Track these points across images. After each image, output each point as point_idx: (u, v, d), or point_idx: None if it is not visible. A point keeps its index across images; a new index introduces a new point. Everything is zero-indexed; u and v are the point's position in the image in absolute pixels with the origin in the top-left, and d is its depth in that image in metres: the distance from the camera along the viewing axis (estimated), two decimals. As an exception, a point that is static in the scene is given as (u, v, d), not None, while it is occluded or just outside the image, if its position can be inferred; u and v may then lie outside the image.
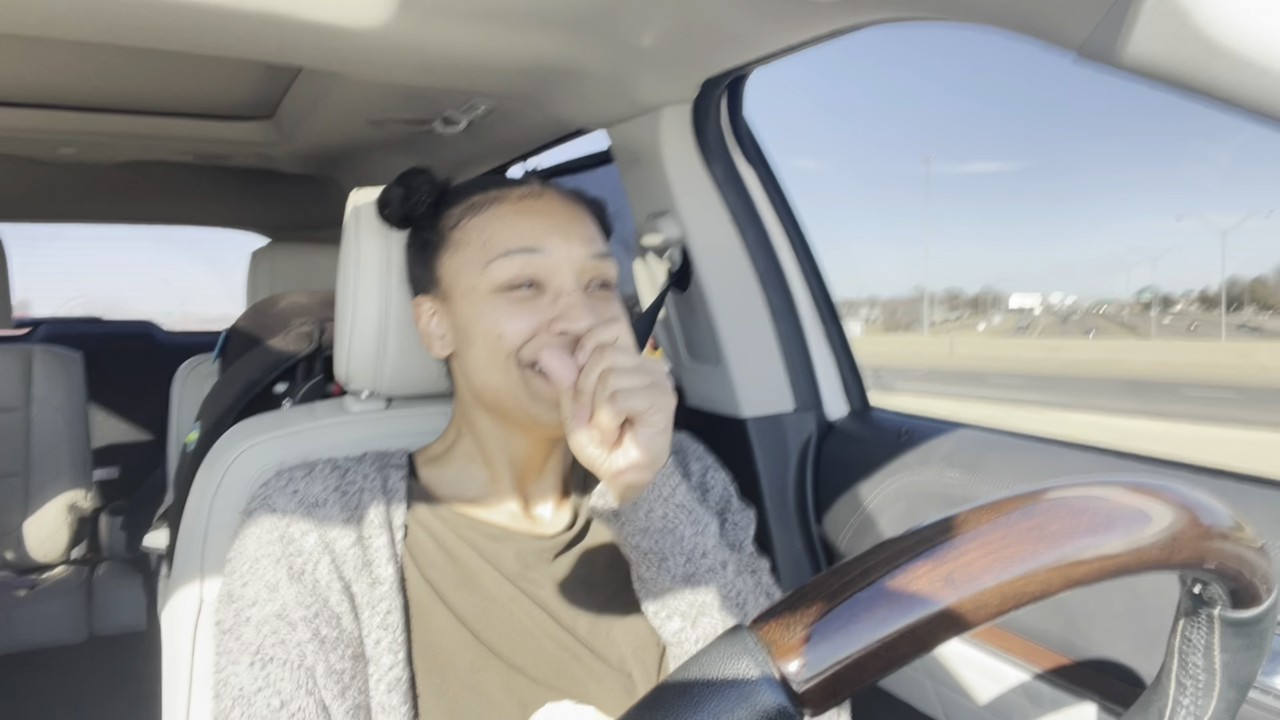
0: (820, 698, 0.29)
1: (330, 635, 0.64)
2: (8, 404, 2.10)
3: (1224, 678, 0.41)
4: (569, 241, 0.70)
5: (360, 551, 0.68)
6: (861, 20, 0.86)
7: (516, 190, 0.74)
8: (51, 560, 2.14)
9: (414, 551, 0.71)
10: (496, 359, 0.69)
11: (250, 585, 0.65)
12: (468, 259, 0.72)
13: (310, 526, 0.68)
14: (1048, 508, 0.32)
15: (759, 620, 0.31)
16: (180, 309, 19.09)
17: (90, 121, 1.69)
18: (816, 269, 1.31)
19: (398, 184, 0.78)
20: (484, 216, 0.72)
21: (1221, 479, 0.82)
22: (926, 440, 1.11)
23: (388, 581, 0.67)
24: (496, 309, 0.69)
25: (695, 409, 1.35)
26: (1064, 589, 0.31)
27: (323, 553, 0.67)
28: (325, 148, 1.86)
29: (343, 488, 0.72)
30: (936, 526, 0.32)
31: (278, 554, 0.66)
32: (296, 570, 0.66)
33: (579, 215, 0.74)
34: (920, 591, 0.30)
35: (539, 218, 0.71)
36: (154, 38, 0.94)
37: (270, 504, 0.69)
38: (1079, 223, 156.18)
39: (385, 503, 0.72)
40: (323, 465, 0.74)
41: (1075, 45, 0.59)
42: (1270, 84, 0.49)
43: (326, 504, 0.70)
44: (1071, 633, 0.84)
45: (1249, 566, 0.36)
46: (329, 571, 0.66)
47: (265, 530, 0.68)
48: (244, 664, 0.62)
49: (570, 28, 0.98)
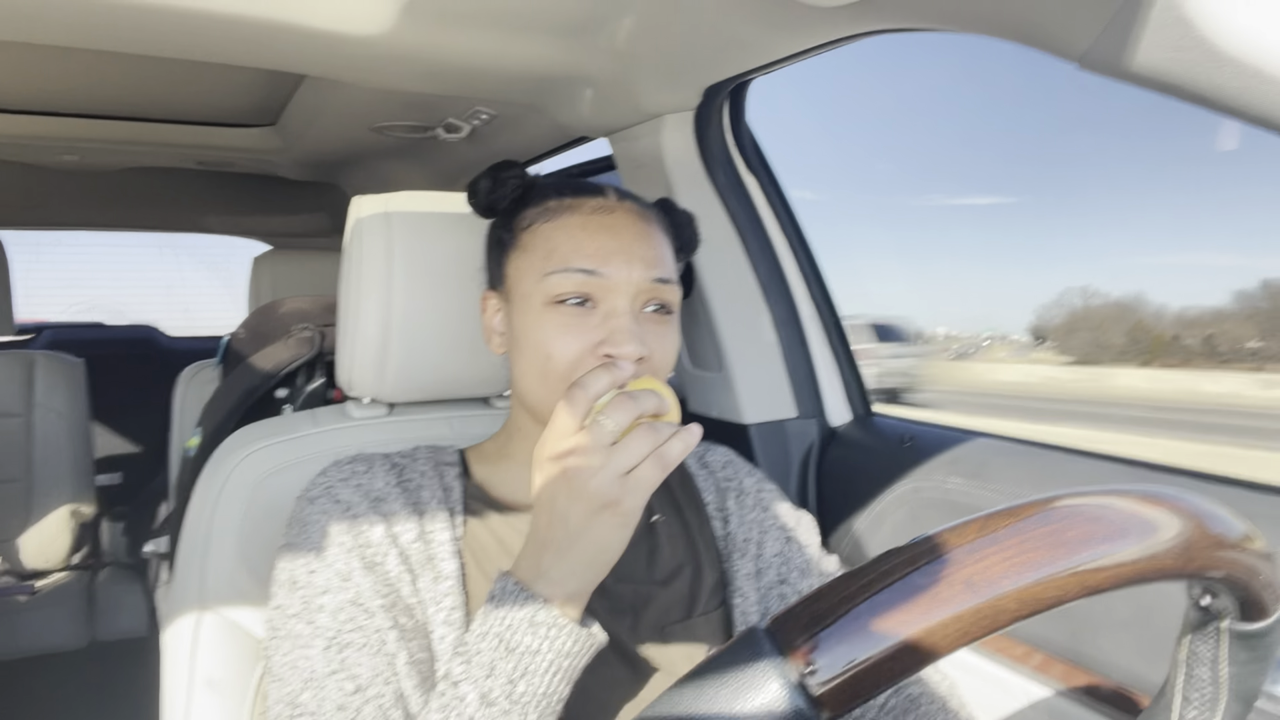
0: (838, 700, 0.29)
1: (408, 625, 0.65)
2: (10, 410, 2.10)
3: (1229, 691, 0.40)
4: (630, 264, 0.69)
5: (424, 546, 0.69)
6: (863, 29, 0.86)
7: (591, 202, 0.73)
8: (53, 566, 2.14)
9: (473, 547, 0.72)
10: (546, 378, 0.69)
11: (320, 573, 0.65)
12: (530, 265, 0.72)
13: (377, 519, 0.69)
14: (1065, 514, 0.32)
15: (776, 621, 0.31)
16: (184, 315, 18.95)
17: (93, 128, 1.70)
18: (819, 275, 1.31)
19: (487, 175, 0.77)
20: (553, 225, 0.72)
21: (1230, 487, 0.82)
22: (930, 447, 1.11)
23: (452, 576, 0.68)
24: (546, 325, 0.69)
25: (697, 415, 1.34)
26: (1081, 596, 0.31)
27: (390, 545, 0.68)
28: (328, 154, 1.86)
29: (402, 483, 0.73)
30: (953, 531, 0.32)
31: (349, 544, 0.66)
32: (369, 561, 0.66)
33: (649, 235, 0.73)
34: (939, 595, 0.30)
35: (605, 235, 0.70)
36: (157, 45, 0.95)
37: (334, 493, 0.70)
38: (1045, 257, 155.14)
39: (444, 499, 0.73)
40: (380, 460, 0.74)
41: (1078, 54, 0.59)
42: (1275, 92, 0.49)
43: (389, 498, 0.71)
44: (1076, 641, 0.84)
45: (1259, 577, 0.36)
46: (398, 564, 0.67)
47: (332, 519, 0.68)
48: (317, 648, 0.62)
49: (572, 35, 0.99)
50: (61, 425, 2.14)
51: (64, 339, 2.82)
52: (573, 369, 0.68)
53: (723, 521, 0.84)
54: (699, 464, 0.88)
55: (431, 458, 0.77)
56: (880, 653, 0.29)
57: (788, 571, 0.83)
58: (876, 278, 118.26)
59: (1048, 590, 0.31)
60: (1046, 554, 0.31)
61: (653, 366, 0.70)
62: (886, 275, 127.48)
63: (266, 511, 0.84)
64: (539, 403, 0.71)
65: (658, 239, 0.74)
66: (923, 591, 0.30)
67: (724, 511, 0.85)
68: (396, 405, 0.94)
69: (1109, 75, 0.59)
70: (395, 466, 0.74)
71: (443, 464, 0.77)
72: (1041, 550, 0.31)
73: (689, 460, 0.88)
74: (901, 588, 0.30)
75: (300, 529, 0.69)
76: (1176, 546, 0.33)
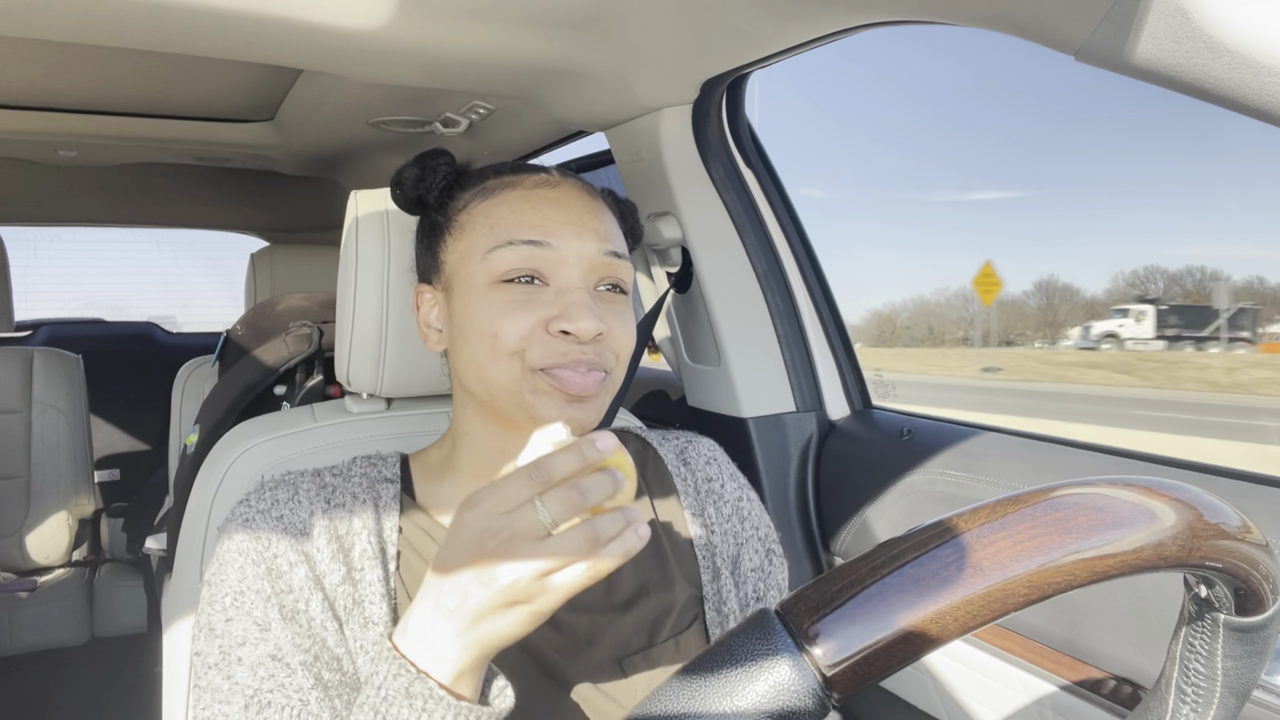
0: (849, 682, 0.29)
1: (333, 680, 0.59)
2: (9, 406, 2.10)
3: (1225, 685, 0.41)
4: (581, 236, 0.64)
5: (351, 589, 0.62)
6: (861, 21, 0.85)
7: (532, 177, 0.68)
8: (53, 562, 2.14)
9: (409, 582, 0.65)
10: (496, 357, 0.63)
11: (236, 622, 0.59)
12: (471, 244, 0.66)
13: (298, 559, 0.62)
14: (1073, 501, 0.32)
15: (787, 604, 0.31)
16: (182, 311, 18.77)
17: (91, 124, 1.69)
18: (818, 269, 1.31)
19: (414, 164, 0.71)
20: (493, 201, 0.66)
21: (1228, 479, 0.82)
22: (928, 440, 1.11)
23: (381, 623, 0.61)
24: (493, 305, 0.63)
25: (696, 409, 1.34)
26: (1088, 582, 0.31)
27: (314, 589, 0.61)
28: (325, 149, 1.86)
29: (330, 512, 0.65)
30: (961, 517, 0.32)
31: (266, 591, 0.60)
32: (289, 610, 0.60)
33: (597, 210, 0.68)
34: (949, 579, 0.30)
35: (551, 207, 0.65)
36: (155, 40, 0.94)
37: (253, 528, 0.63)
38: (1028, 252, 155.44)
39: (377, 526, 0.66)
40: (308, 482, 0.67)
41: (1075, 46, 0.59)
42: (1272, 83, 0.48)
43: (313, 532, 0.64)
44: (1074, 634, 0.84)
45: (1258, 568, 0.36)
46: (322, 610, 0.61)
47: (249, 560, 0.61)
48: (236, 706, 0.57)
49: (570, 29, 0.98)
50: (60, 422, 2.14)
51: (62, 335, 2.82)
52: (524, 346, 0.62)
53: (703, 527, 0.77)
54: (678, 459, 0.81)
55: (368, 474, 0.70)
56: (891, 635, 0.30)
57: (765, 589, 0.77)
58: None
59: (1057, 575, 0.31)
60: (1056, 539, 0.31)
61: (612, 346, 0.65)
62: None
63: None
64: (488, 389, 0.64)
65: (606, 214, 0.69)
66: (933, 575, 0.30)
67: (703, 517, 0.77)
68: (395, 400, 0.94)
69: (1106, 67, 0.59)
70: (324, 489, 0.67)
71: (380, 480, 0.69)
72: (1052, 535, 0.31)
73: (668, 455, 0.81)
74: (911, 571, 0.31)
75: (218, 569, 0.62)
76: (1183, 535, 0.33)
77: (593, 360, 0.63)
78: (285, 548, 0.62)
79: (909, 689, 1.07)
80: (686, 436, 0.84)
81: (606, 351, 0.65)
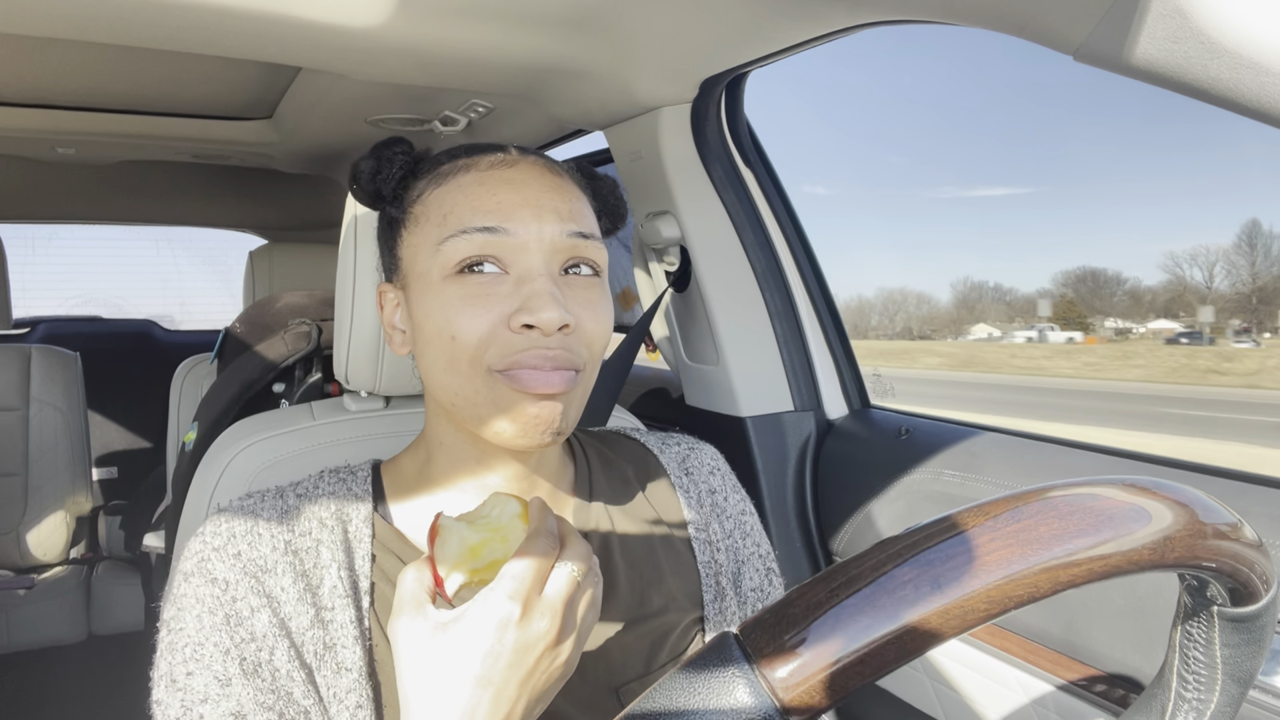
0: (807, 704, 0.29)
1: None
2: (6, 404, 2.09)
3: (1225, 673, 0.41)
4: (540, 217, 0.58)
5: (321, 632, 0.57)
6: (859, 21, 0.86)
7: (488, 157, 0.62)
8: (50, 560, 2.14)
9: (384, 617, 0.60)
10: (456, 363, 0.58)
11: (197, 676, 0.54)
12: (424, 237, 0.60)
13: (261, 603, 0.57)
14: (1037, 510, 0.32)
15: (747, 628, 0.31)
16: (181, 308, 18.53)
17: (89, 121, 1.69)
18: (816, 269, 1.31)
19: (370, 156, 0.65)
20: (446, 188, 0.61)
21: (1219, 478, 0.83)
22: (926, 439, 1.11)
23: (355, 669, 0.57)
24: (448, 301, 0.58)
25: (694, 408, 1.35)
26: (1053, 592, 0.31)
27: (279, 636, 0.56)
28: (324, 147, 1.86)
29: (294, 543, 0.60)
30: (927, 529, 0.32)
31: (226, 643, 0.55)
32: (251, 663, 0.55)
33: (560, 187, 0.61)
34: (906, 598, 0.30)
35: (506, 189, 0.59)
36: (153, 38, 0.94)
37: (209, 570, 0.57)
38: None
39: (348, 558, 0.60)
40: (269, 509, 0.62)
41: (1074, 46, 0.59)
42: (1270, 84, 0.49)
43: (277, 569, 0.58)
44: (1072, 632, 0.84)
45: (1247, 564, 0.36)
46: (288, 659, 0.56)
47: (205, 609, 0.56)
48: None
49: (568, 27, 0.98)
50: (58, 419, 2.14)
51: (60, 333, 2.82)
52: (483, 346, 0.57)
53: (707, 543, 0.72)
54: (680, 468, 0.76)
55: (336, 492, 0.64)
56: (848, 657, 0.29)
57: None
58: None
59: (1017, 588, 0.31)
60: (1016, 551, 0.31)
61: (583, 339, 0.59)
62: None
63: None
64: (453, 393, 0.59)
65: (571, 192, 0.62)
66: (891, 594, 0.30)
67: (707, 532, 0.73)
68: (393, 398, 0.94)
69: (1105, 67, 0.59)
70: (288, 515, 0.62)
71: (350, 499, 0.64)
72: (1011, 548, 0.31)
73: (669, 463, 0.76)
74: (869, 593, 0.30)
75: (176, 614, 0.57)
76: (1156, 539, 0.33)
77: (559, 356, 0.57)
78: (245, 590, 0.57)
79: (907, 689, 1.07)
80: (688, 443, 0.79)
81: (577, 345, 0.58)
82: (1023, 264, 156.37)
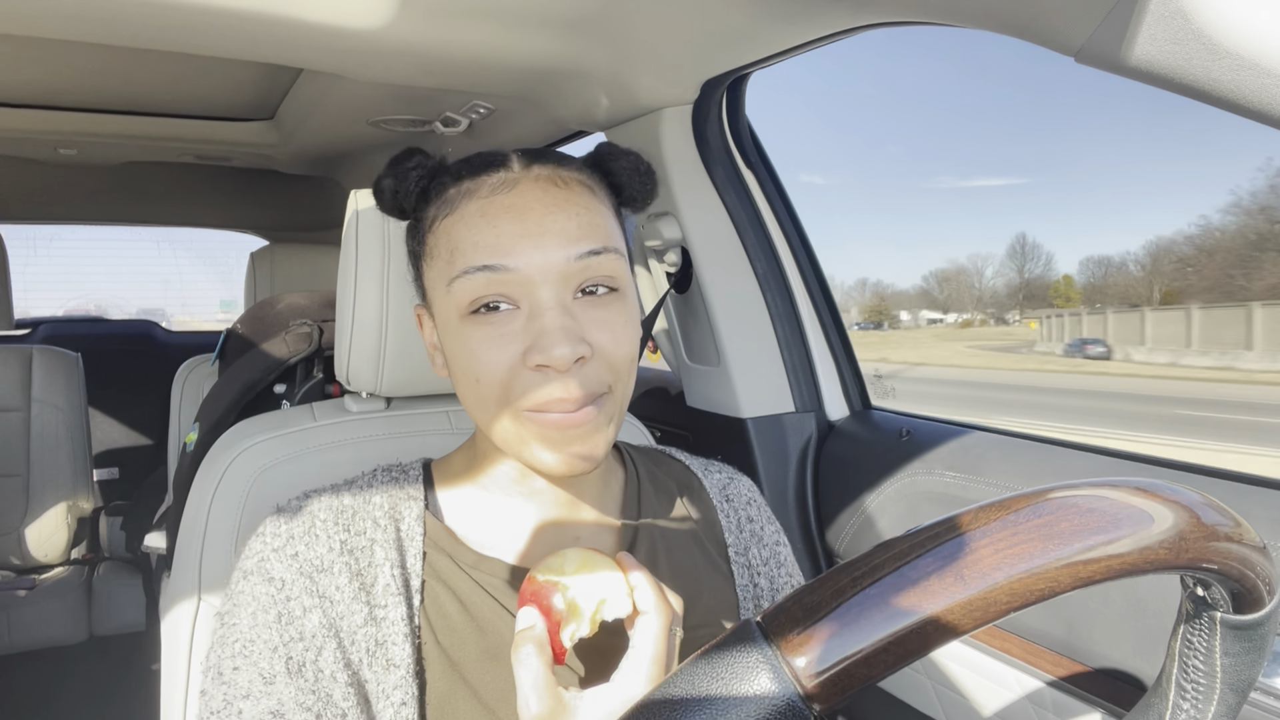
0: (829, 693, 0.29)
1: None
2: (8, 404, 2.10)
3: (1224, 681, 0.41)
4: (542, 246, 0.56)
5: (373, 630, 0.59)
6: (861, 23, 0.86)
7: (490, 179, 0.60)
8: (51, 560, 2.14)
9: (433, 617, 0.61)
10: (485, 403, 0.59)
11: (243, 671, 0.56)
12: (438, 274, 0.60)
13: (313, 603, 0.58)
14: (1056, 506, 0.32)
15: (769, 615, 0.31)
16: (182, 309, 18.56)
17: (91, 122, 1.70)
18: (817, 270, 1.31)
19: (388, 174, 0.65)
20: (453, 218, 0.60)
21: (1223, 480, 0.82)
22: (927, 441, 1.11)
23: (404, 665, 0.58)
24: (467, 343, 0.58)
25: (695, 409, 1.34)
26: (1073, 588, 0.31)
27: (328, 637, 0.58)
28: (325, 148, 1.86)
29: (350, 543, 0.62)
30: (945, 524, 0.32)
31: (275, 640, 0.57)
32: (296, 662, 0.56)
33: (565, 202, 0.59)
34: (930, 588, 0.30)
35: (507, 218, 0.57)
36: (155, 39, 0.94)
37: (267, 569, 0.60)
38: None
39: (400, 557, 0.62)
40: (325, 510, 0.63)
41: (1075, 48, 0.59)
42: (1272, 85, 0.49)
43: (333, 569, 0.60)
44: (1072, 635, 0.84)
45: (1252, 568, 0.36)
46: (334, 660, 0.57)
47: (260, 606, 0.58)
48: None
49: (570, 29, 0.98)
50: (59, 420, 2.14)
51: (61, 333, 2.82)
52: (506, 389, 0.57)
53: (746, 568, 0.73)
54: (721, 496, 0.77)
55: (390, 492, 0.66)
56: (872, 646, 0.29)
57: None
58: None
59: (1039, 582, 0.31)
60: (1039, 545, 0.31)
61: (607, 360, 0.58)
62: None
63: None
64: (490, 431, 0.60)
65: (580, 203, 0.60)
66: (914, 585, 0.30)
67: (746, 557, 0.74)
68: (394, 399, 0.94)
69: (1106, 69, 0.59)
70: (343, 515, 0.63)
71: (403, 498, 0.65)
72: (1034, 542, 0.31)
73: (712, 489, 0.77)
74: (893, 581, 0.30)
75: (231, 609, 0.59)
76: (1171, 538, 0.33)
77: (581, 394, 0.56)
78: (300, 590, 0.59)
79: (908, 690, 1.07)
80: (729, 472, 0.80)
81: (598, 371, 0.58)
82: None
